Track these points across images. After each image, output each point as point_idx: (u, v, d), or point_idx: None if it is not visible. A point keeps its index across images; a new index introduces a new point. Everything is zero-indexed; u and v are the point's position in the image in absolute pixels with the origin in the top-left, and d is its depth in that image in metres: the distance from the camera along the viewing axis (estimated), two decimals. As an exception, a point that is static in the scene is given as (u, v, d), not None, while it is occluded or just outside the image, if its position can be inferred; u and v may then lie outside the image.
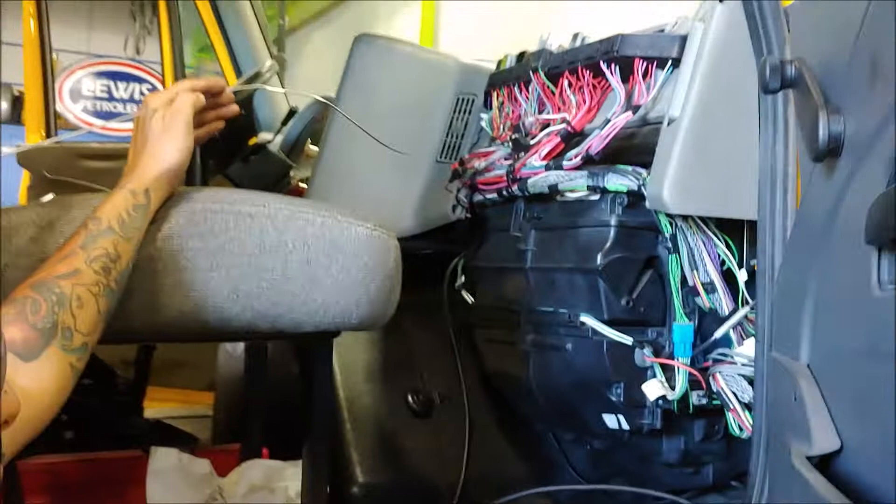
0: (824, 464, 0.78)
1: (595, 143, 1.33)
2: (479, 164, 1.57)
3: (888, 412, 0.66)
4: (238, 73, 3.02)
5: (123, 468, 1.49)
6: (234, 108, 1.23)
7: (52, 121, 3.39)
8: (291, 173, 1.97)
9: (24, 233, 1.01)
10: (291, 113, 2.06)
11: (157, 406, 2.39)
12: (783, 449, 0.87)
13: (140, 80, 8.44)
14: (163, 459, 1.46)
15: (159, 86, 6.27)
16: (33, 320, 0.87)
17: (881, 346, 0.70)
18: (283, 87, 2.96)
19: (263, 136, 1.95)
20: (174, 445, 1.50)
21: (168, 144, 1.07)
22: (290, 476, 1.42)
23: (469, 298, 1.67)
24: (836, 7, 0.88)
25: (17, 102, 6.30)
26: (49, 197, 1.26)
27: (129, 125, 1.15)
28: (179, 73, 3.13)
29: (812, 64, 0.89)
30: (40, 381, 0.85)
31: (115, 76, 8.52)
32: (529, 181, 1.43)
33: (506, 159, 1.50)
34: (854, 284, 0.75)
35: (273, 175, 1.89)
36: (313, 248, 1.09)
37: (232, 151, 1.78)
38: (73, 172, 2.84)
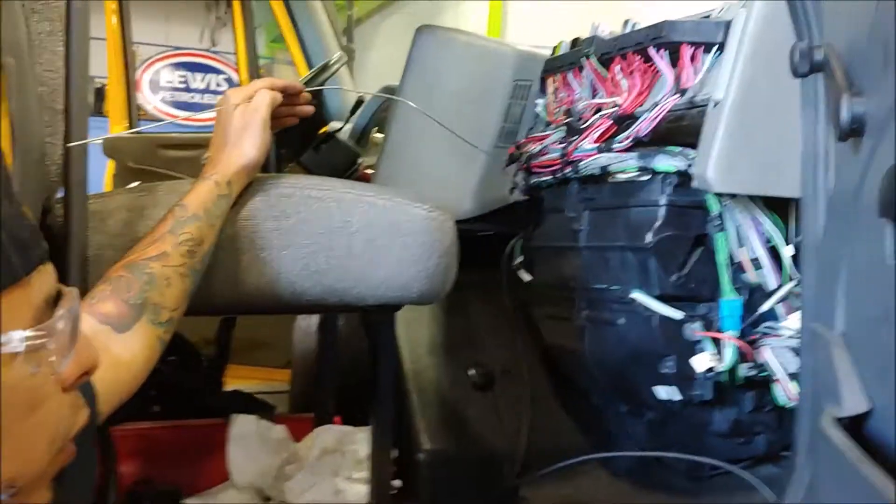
0: (856, 427, 0.83)
1: (644, 125, 1.37)
2: (534, 147, 1.62)
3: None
4: (309, 63, 3.11)
5: (206, 434, 1.58)
6: (310, 108, 1.33)
7: (134, 112, 3.56)
8: (360, 160, 2.04)
9: (118, 217, 1.12)
10: (359, 103, 2.13)
11: (239, 382, 2.48)
12: (820, 416, 0.92)
13: (216, 71, 8.65)
14: (242, 426, 1.55)
15: (234, 76, 6.44)
16: (126, 297, 0.96)
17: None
18: (351, 76, 3.05)
19: (333, 125, 2.02)
20: (253, 414, 1.61)
21: (248, 140, 1.16)
22: (360, 440, 1.50)
23: (526, 277, 1.72)
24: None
25: (100, 95, 6.52)
26: (135, 184, 1.38)
27: (205, 115, 1.25)
28: (253, 64, 3.25)
29: (840, 48, 0.94)
30: (131, 351, 0.94)
31: (192, 67, 8.75)
32: (581, 163, 1.47)
33: (559, 143, 1.54)
34: (875, 256, 0.80)
35: (343, 162, 1.94)
36: (375, 228, 1.19)
37: (304, 141, 1.84)
38: (154, 161, 2.97)
